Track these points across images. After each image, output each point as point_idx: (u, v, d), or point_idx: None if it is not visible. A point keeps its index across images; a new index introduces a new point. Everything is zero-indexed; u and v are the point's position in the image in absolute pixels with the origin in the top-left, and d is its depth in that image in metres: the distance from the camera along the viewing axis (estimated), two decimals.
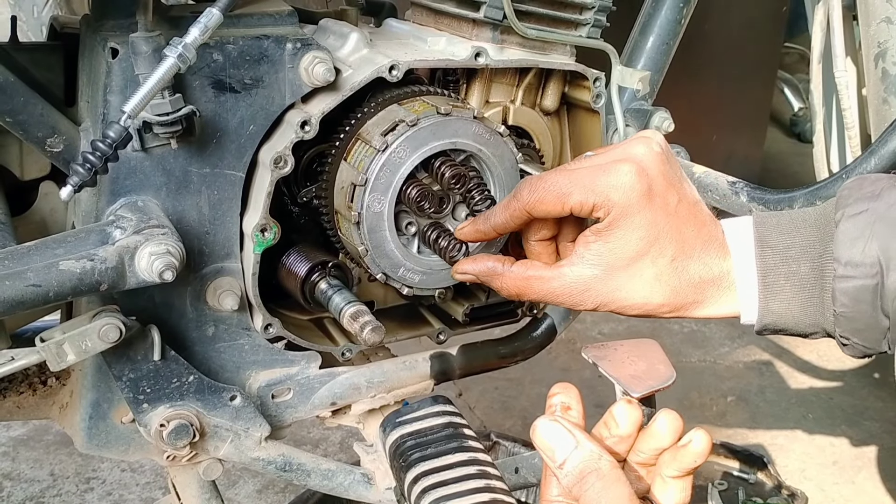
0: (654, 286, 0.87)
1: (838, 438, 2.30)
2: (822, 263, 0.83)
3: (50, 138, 0.89)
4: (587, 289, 0.88)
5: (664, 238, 0.86)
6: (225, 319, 1.03)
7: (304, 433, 2.23)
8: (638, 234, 0.85)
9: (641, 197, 0.84)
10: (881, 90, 1.47)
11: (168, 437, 0.99)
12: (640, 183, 0.84)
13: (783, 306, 0.86)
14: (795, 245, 0.85)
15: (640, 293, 0.87)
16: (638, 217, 0.85)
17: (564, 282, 0.88)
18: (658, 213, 0.85)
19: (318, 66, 0.95)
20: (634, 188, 0.84)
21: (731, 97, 3.25)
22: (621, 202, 0.84)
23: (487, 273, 0.94)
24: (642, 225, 0.85)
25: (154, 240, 0.85)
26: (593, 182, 0.85)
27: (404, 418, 1.01)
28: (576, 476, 0.72)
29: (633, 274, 0.87)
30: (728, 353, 2.66)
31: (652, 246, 0.86)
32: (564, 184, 0.86)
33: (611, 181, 0.85)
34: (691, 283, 0.87)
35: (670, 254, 0.86)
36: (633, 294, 0.87)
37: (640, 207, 0.85)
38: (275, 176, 0.96)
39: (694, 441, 0.77)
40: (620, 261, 0.86)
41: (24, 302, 0.80)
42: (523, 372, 2.44)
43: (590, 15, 1.08)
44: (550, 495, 0.77)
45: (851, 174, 1.08)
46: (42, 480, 2.06)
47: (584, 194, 0.85)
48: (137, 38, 0.86)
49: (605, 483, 0.71)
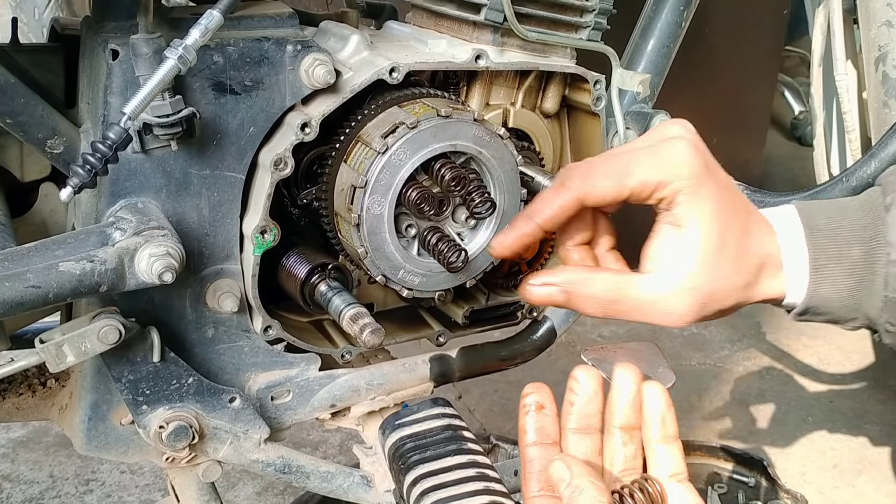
0: (740, 265, 0.81)
1: (838, 442, 2.30)
2: (874, 247, 0.81)
3: (50, 140, 0.89)
4: (693, 287, 0.80)
5: (732, 211, 0.81)
6: (224, 321, 1.03)
7: (304, 435, 2.23)
8: (713, 207, 0.79)
9: (703, 168, 0.79)
10: (881, 93, 1.48)
11: (167, 439, 0.99)
12: (697, 157, 0.79)
13: (832, 289, 0.83)
14: (844, 228, 0.83)
15: (736, 276, 0.81)
16: (707, 189, 0.79)
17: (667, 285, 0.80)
18: (721, 186, 0.81)
19: (319, 68, 0.95)
20: (696, 161, 0.79)
21: (732, 100, 3.24)
22: (689, 174, 0.78)
23: (573, 283, 0.82)
24: (713, 197, 0.79)
25: (154, 241, 0.85)
26: (654, 159, 0.79)
27: (404, 420, 1.01)
28: None
29: (726, 255, 0.80)
30: (728, 356, 2.66)
31: (727, 219, 0.80)
32: (621, 164, 0.79)
33: (672, 157, 0.78)
34: (754, 262, 0.83)
35: (739, 228, 0.81)
36: (734, 279, 0.81)
37: (706, 179, 0.79)
38: (275, 178, 0.96)
39: (646, 393, 0.77)
40: (712, 240, 0.79)
41: (23, 303, 0.80)
42: (523, 375, 2.42)
43: (590, 18, 1.08)
44: (532, 491, 0.78)
45: (852, 177, 1.08)
46: (41, 482, 2.06)
47: (647, 172, 0.78)
48: (138, 40, 0.87)
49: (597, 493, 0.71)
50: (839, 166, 1.95)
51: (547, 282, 0.83)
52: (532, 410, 0.79)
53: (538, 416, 0.79)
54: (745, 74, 3.28)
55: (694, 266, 0.80)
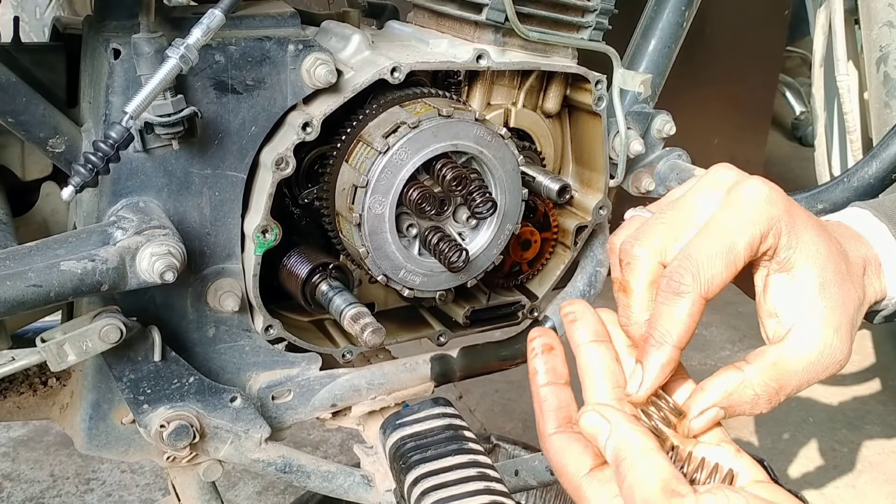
0: (852, 285, 0.75)
1: (839, 442, 2.30)
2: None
3: (52, 139, 0.89)
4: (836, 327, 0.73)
5: (823, 231, 0.75)
6: (226, 321, 1.03)
7: (305, 435, 2.23)
8: (811, 237, 0.73)
9: (785, 199, 0.72)
10: (883, 94, 1.48)
11: (168, 438, 0.99)
12: (774, 191, 0.72)
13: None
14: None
15: (854, 297, 0.75)
16: (799, 222, 0.72)
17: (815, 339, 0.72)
18: (804, 214, 0.74)
19: (320, 67, 0.95)
20: (777, 196, 0.72)
21: (733, 101, 3.24)
22: (781, 215, 0.71)
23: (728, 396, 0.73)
24: (805, 226, 0.73)
25: (155, 241, 0.85)
26: (743, 216, 0.71)
27: (404, 420, 1.01)
28: (613, 462, 0.69)
29: (841, 280, 0.74)
30: (729, 356, 2.66)
31: (826, 242, 0.74)
32: (719, 239, 0.70)
33: (756, 202, 0.71)
34: (859, 268, 0.77)
35: (836, 246, 0.75)
36: (854, 301, 0.75)
37: (793, 212, 0.72)
38: (276, 177, 0.96)
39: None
40: (828, 272, 0.73)
41: (25, 302, 0.80)
42: (524, 375, 2.42)
43: (591, 18, 1.08)
44: (549, 429, 0.75)
45: (853, 178, 1.08)
46: (42, 481, 2.06)
47: (747, 234, 0.70)
48: (140, 39, 0.87)
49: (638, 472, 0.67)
50: (840, 167, 1.95)
51: (702, 408, 0.74)
52: (540, 352, 0.77)
53: (548, 357, 0.77)
54: (746, 75, 3.28)
55: (825, 306, 0.73)
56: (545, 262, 1.21)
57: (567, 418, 0.75)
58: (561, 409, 0.76)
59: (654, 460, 0.67)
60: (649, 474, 0.66)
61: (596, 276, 1.23)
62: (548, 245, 1.19)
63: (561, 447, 0.74)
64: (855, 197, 1.09)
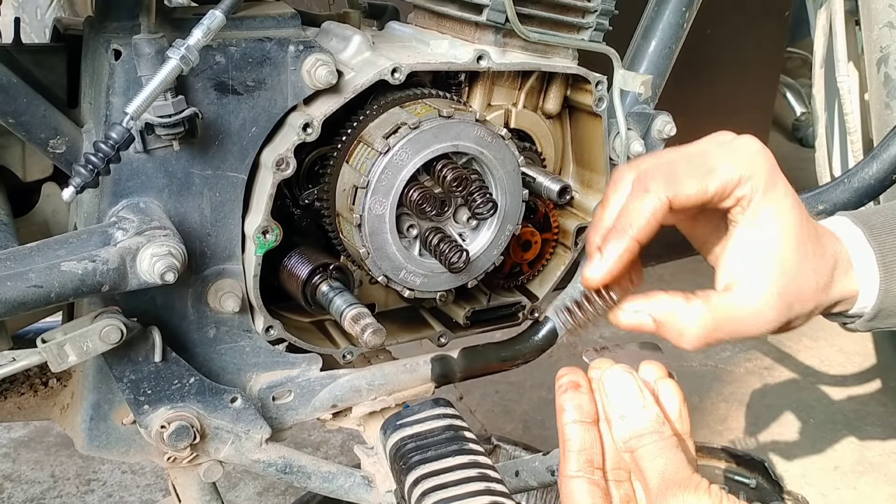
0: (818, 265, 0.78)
1: (840, 443, 2.30)
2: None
3: (52, 139, 0.89)
4: (779, 292, 0.76)
5: (803, 210, 0.78)
6: (226, 321, 1.03)
7: (305, 436, 2.23)
8: (789, 202, 0.76)
9: (775, 165, 0.76)
10: (883, 95, 1.48)
11: (169, 439, 0.99)
12: (766, 151, 0.76)
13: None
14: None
15: (814, 277, 0.77)
16: (783, 184, 0.76)
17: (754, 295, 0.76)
18: (786, 184, 0.77)
19: (321, 68, 0.95)
20: (769, 156, 0.76)
21: (734, 101, 3.24)
22: (766, 168, 0.75)
23: (669, 313, 0.77)
24: (788, 192, 0.76)
25: (156, 241, 0.86)
26: (731, 155, 0.75)
27: (405, 421, 1.01)
28: (632, 432, 0.71)
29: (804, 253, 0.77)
30: (729, 357, 2.66)
31: (802, 216, 0.77)
32: (701, 162, 0.74)
33: (748, 151, 0.75)
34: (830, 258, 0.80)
35: (811, 227, 0.78)
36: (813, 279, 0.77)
37: (779, 175, 0.76)
38: (277, 178, 0.96)
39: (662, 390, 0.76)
40: (792, 238, 0.76)
41: (25, 303, 0.80)
42: (524, 375, 2.43)
43: (592, 19, 1.08)
44: (570, 471, 0.75)
45: (853, 178, 1.08)
46: (43, 482, 2.06)
47: (728, 168, 0.74)
48: (140, 40, 0.87)
49: (667, 444, 0.70)
50: (841, 168, 1.95)
51: (638, 309, 0.78)
52: (569, 389, 0.77)
53: (575, 394, 0.76)
54: (746, 76, 3.28)
55: (776, 268, 0.76)
56: (546, 262, 1.21)
57: (589, 461, 0.75)
58: (584, 451, 0.75)
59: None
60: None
61: None
62: (548, 246, 1.19)
63: (578, 494, 0.74)
64: (856, 197, 1.09)
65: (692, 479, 0.70)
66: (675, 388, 0.78)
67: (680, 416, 0.77)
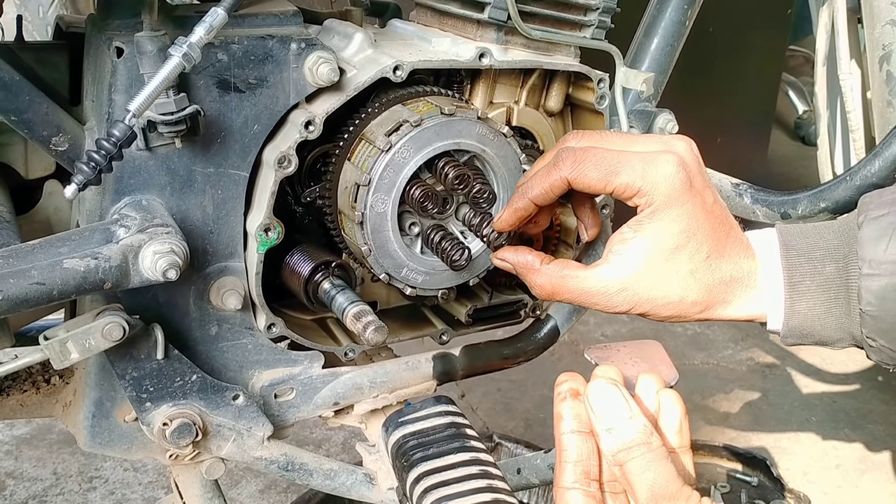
0: (690, 283, 0.87)
1: (842, 442, 2.30)
2: (847, 264, 0.85)
3: (55, 137, 0.89)
4: (623, 288, 0.87)
5: (701, 234, 0.86)
6: (228, 319, 1.03)
7: (307, 433, 2.23)
8: (678, 227, 0.85)
9: (684, 190, 0.85)
10: (886, 93, 1.47)
11: (171, 436, 0.99)
12: (683, 176, 0.85)
13: (809, 306, 0.86)
14: (819, 247, 0.86)
15: (676, 291, 0.87)
16: (679, 209, 0.85)
17: (601, 281, 0.87)
18: (697, 209, 0.86)
19: (323, 66, 0.95)
20: (678, 180, 0.85)
21: (736, 100, 3.24)
22: (666, 192, 0.84)
23: (525, 266, 0.93)
24: (683, 217, 0.85)
25: (158, 239, 0.86)
26: (642, 167, 0.85)
27: (407, 418, 1.01)
28: (621, 445, 0.72)
29: (670, 270, 0.86)
30: (731, 355, 2.66)
31: (690, 240, 0.86)
32: (613, 162, 0.85)
33: (658, 170, 0.84)
34: (722, 281, 0.87)
35: (706, 250, 0.87)
36: (669, 292, 0.87)
37: (682, 200, 0.85)
38: (279, 176, 0.96)
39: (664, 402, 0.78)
40: (660, 255, 0.86)
41: (28, 300, 0.80)
42: (526, 373, 2.44)
43: (594, 16, 1.08)
44: (566, 482, 0.75)
45: (855, 176, 1.08)
46: (45, 479, 2.06)
47: (632, 177, 0.84)
48: (142, 38, 0.87)
49: (655, 456, 0.71)
50: (843, 166, 1.95)
51: (505, 258, 0.95)
52: (568, 397, 0.78)
53: (574, 403, 0.78)
54: (748, 74, 3.28)
55: (632, 270, 0.86)
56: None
57: (586, 473, 0.75)
58: (580, 462, 0.76)
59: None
60: None
61: None
62: (550, 244, 1.19)
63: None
64: (858, 195, 1.09)
65: (682, 492, 0.71)
66: (677, 399, 0.78)
67: (680, 429, 0.77)
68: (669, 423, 0.78)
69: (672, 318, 0.89)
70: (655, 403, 0.80)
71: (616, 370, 0.80)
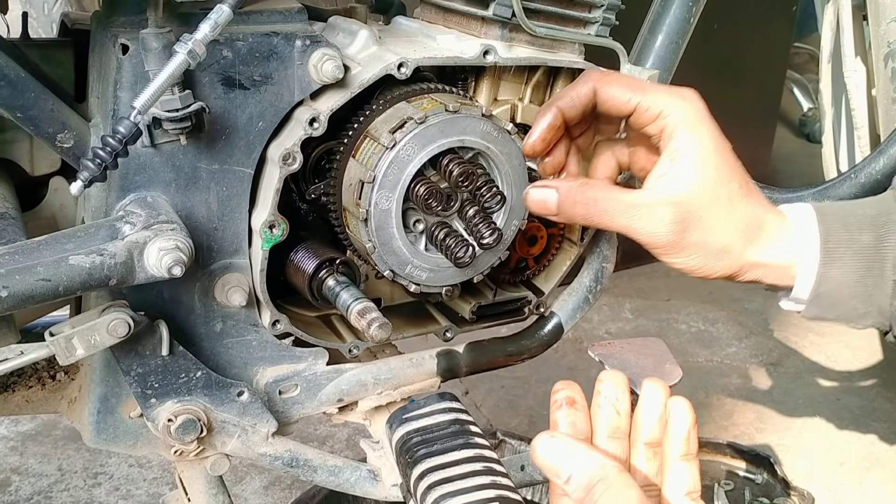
0: (731, 208, 0.86)
1: (846, 439, 2.30)
2: (884, 234, 0.84)
3: (60, 134, 0.90)
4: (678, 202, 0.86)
5: (727, 166, 0.88)
6: (233, 315, 1.03)
7: (311, 430, 2.23)
8: (708, 146, 0.86)
9: (707, 117, 0.87)
10: (891, 90, 1.47)
11: (176, 432, 0.99)
12: (703, 105, 0.88)
13: (842, 273, 0.84)
14: (855, 216, 0.86)
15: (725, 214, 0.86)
16: (705, 130, 0.87)
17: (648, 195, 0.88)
18: (720, 140, 0.87)
19: (328, 63, 0.95)
20: (701, 107, 0.88)
21: (740, 97, 3.23)
22: (693, 114, 0.87)
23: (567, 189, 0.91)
24: (710, 139, 0.87)
25: (163, 235, 0.86)
26: (666, 92, 0.87)
27: (411, 415, 1.01)
28: (583, 489, 0.71)
29: (713, 188, 0.86)
30: (735, 353, 2.66)
31: (721, 166, 0.87)
32: (638, 84, 0.89)
33: (683, 96, 0.87)
34: (756, 219, 0.87)
35: (737, 180, 0.88)
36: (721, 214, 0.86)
37: (706, 123, 0.87)
38: (283, 172, 0.96)
39: (673, 409, 0.77)
40: (700, 170, 0.86)
41: (34, 296, 0.81)
42: (530, 370, 2.44)
43: (599, 13, 1.08)
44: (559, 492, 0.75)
45: (860, 174, 1.08)
46: (50, 475, 2.07)
47: (657, 97, 0.87)
48: (148, 35, 0.87)
49: (615, 490, 0.70)
50: (848, 163, 1.95)
51: (547, 184, 0.92)
52: (564, 405, 0.77)
53: (570, 411, 0.77)
54: (753, 71, 3.27)
55: (680, 186, 0.86)
56: (551, 257, 1.21)
57: None
58: None
59: None
60: None
61: (602, 272, 1.23)
62: (554, 241, 1.19)
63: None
64: (862, 193, 1.09)
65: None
66: (688, 408, 0.77)
67: (688, 437, 0.76)
68: (678, 431, 0.77)
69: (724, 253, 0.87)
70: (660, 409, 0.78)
71: (622, 376, 0.79)
